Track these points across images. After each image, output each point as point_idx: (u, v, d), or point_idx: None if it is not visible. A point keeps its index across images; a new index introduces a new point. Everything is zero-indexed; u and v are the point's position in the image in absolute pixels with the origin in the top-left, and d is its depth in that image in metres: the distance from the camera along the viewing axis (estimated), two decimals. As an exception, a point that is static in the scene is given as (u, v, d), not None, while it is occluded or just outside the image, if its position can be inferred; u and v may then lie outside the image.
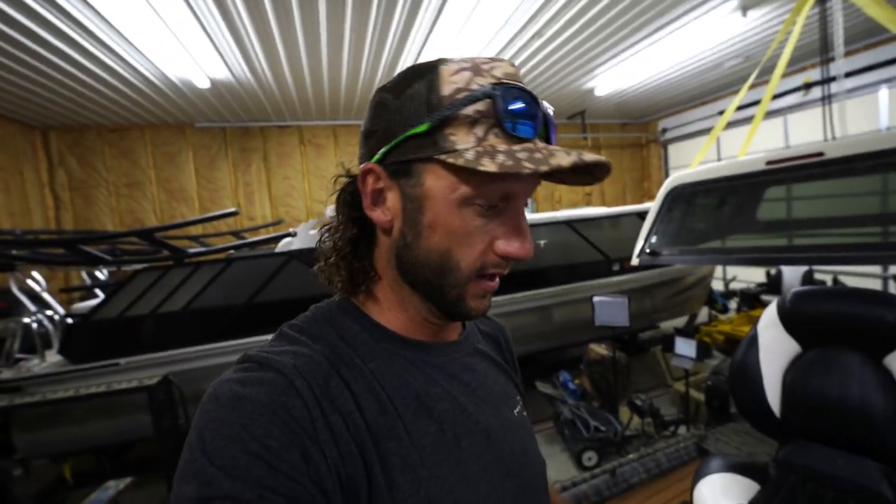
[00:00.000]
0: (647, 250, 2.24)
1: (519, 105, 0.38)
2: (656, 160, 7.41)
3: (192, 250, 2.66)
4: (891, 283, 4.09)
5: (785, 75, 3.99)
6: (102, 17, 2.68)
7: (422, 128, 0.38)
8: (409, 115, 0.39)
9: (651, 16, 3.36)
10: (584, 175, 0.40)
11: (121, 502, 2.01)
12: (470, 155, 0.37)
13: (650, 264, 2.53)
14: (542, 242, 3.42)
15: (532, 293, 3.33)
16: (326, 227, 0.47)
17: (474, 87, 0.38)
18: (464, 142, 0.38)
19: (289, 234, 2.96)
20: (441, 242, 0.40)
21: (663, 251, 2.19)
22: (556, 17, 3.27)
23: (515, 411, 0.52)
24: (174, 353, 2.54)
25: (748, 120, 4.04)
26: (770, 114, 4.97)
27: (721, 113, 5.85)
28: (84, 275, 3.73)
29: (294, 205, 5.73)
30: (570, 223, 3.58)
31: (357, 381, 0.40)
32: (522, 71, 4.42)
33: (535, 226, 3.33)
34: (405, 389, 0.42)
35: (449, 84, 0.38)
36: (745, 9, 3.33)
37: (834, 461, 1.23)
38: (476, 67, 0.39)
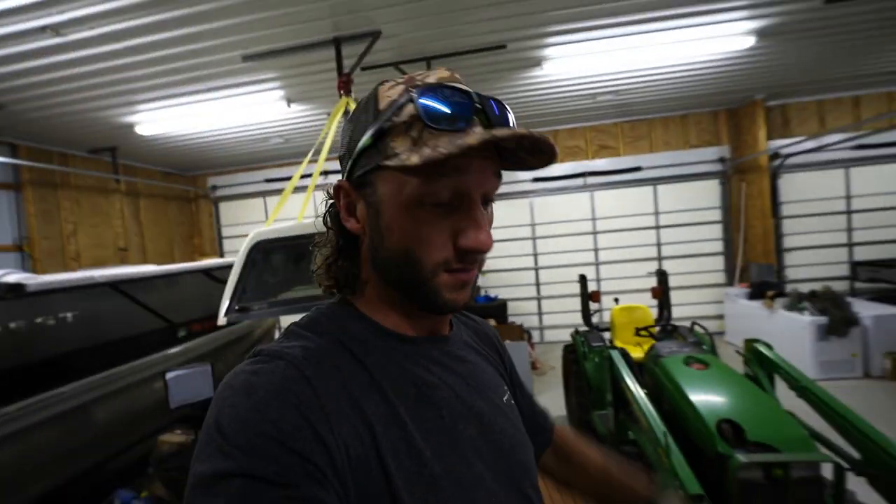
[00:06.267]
0: (237, 307, 2.13)
1: (436, 102, 0.40)
2: (207, 217, 7.19)
3: None
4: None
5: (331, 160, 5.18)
6: None
7: (367, 141, 0.43)
8: (359, 133, 0.44)
9: (203, 74, 3.37)
10: (538, 155, 0.43)
11: None
12: (403, 156, 0.40)
13: (237, 321, 2.40)
14: (69, 315, 2.39)
15: (53, 394, 2.20)
16: (317, 241, 0.53)
17: (405, 96, 0.42)
18: (402, 146, 0.41)
19: None
20: (400, 242, 0.44)
21: (253, 306, 2.16)
22: (85, 22, 2.56)
23: (504, 399, 0.56)
24: None
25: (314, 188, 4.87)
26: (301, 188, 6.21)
27: (267, 180, 6.65)
28: None
29: None
30: (115, 285, 2.73)
31: (360, 372, 0.43)
32: (29, 66, 3.06)
33: (61, 290, 2.28)
34: (404, 380, 0.45)
35: (385, 99, 0.43)
36: (289, 101, 4.05)
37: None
38: (410, 79, 0.44)
